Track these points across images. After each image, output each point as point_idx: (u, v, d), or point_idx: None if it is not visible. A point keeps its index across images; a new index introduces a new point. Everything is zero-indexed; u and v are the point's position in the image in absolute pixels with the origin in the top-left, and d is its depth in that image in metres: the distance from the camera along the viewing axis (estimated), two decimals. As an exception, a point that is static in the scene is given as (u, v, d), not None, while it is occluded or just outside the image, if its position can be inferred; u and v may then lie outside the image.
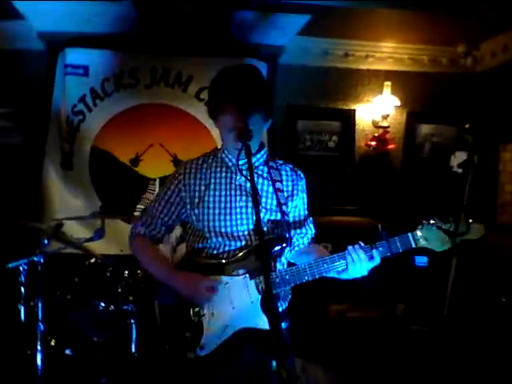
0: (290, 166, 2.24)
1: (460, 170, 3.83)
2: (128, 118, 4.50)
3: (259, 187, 2.12)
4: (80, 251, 3.49)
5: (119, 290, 3.05)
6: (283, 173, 2.19)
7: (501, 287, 4.12)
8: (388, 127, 5.12)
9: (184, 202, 2.13)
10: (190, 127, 4.51)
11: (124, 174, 4.52)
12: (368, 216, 4.97)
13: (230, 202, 2.10)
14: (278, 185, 2.13)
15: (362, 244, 2.01)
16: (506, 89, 4.87)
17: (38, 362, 2.83)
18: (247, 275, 2.02)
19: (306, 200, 2.24)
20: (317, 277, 2.01)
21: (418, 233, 2.01)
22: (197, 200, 2.11)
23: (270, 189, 2.13)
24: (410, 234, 2.01)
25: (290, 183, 2.19)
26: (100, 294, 3.05)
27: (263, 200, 2.11)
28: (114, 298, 3.03)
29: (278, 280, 2.01)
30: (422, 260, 4.11)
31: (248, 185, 2.10)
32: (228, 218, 2.08)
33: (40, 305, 2.88)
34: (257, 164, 2.14)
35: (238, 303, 2.01)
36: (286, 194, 2.15)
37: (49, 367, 2.96)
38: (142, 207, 4.50)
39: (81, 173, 4.49)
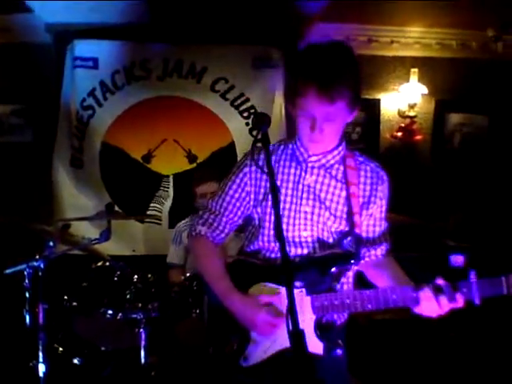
0: (373, 165, 1.91)
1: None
2: (140, 112, 4.31)
3: (330, 190, 1.85)
4: (88, 253, 3.31)
5: (127, 297, 2.83)
6: (362, 173, 1.87)
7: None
8: (415, 117, 4.84)
9: (249, 198, 1.90)
10: (205, 120, 4.30)
11: (136, 171, 4.33)
12: (394, 211, 4.69)
13: (296, 204, 1.85)
14: (352, 189, 1.83)
15: (443, 282, 1.67)
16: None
17: (41, 374, 2.64)
18: (304, 290, 1.77)
19: (384, 208, 1.91)
20: (382, 308, 1.73)
21: None
22: (261, 197, 1.88)
23: (343, 193, 1.85)
24: (503, 278, 1.64)
25: (368, 187, 1.87)
26: (107, 300, 2.84)
27: (333, 206, 1.84)
28: (121, 304, 2.81)
29: (336, 303, 1.74)
30: (457, 260, 3.83)
31: (318, 186, 1.84)
32: (291, 221, 1.84)
33: (41, 312, 2.69)
34: (332, 162, 1.86)
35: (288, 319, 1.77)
36: (361, 200, 1.85)
37: (55, 377, 2.78)
38: (157, 206, 4.31)
39: (91, 171, 4.32)
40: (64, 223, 3.41)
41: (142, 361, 2.72)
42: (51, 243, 2.86)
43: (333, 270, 1.79)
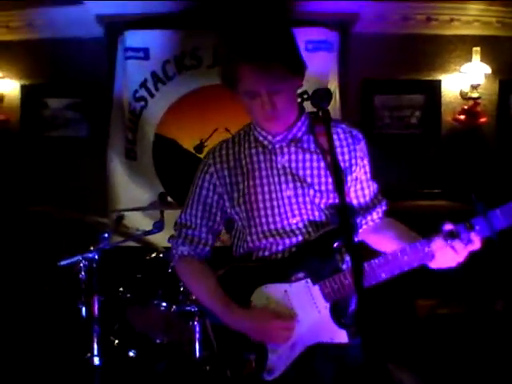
0: (344, 126, 1.77)
1: None
2: (191, 103, 4.24)
3: (307, 165, 1.69)
4: (141, 244, 3.29)
5: (181, 289, 2.77)
6: (335, 137, 1.71)
7: None
8: (479, 98, 4.56)
9: (223, 199, 1.76)
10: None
11: (189, 161, 4.26)
12: (456, 200, 4.46)
13: (276, 191, 1.70)
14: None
15: (452, 226, 1.54)
16: None
17: (96, 363, 2.63)
18: (309, 279, 1.63)
19: (368, 168, 1.77)
20: (397, 273, 1.59)
21: None
22: (236, 195, 1.73)
23: (322, 164, 1.70)
24: None
25: (345, 149, 1.73)
26: (161, 292, 2.80)
27: (315, 181, 1.69)
28: (175, 297, 2.76)
29: (347, 282, 1.59)
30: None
31: (293, 165, 1.69)
32: (276, 211, 1.69)
33: (96, 304, 2.68)
34: (299, 135, 1.72)
35: (302, 315, 1.64)
36: (342, 166, 1.70)
37: (110, 369, 2.77)
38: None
39: (145, 162, 4.29)
40: (118, 215, 3.39)
41: (197, 354, 2.66)
42: (106, 235, 2.85)
43: (334, 247, 1.64)
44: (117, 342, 2.98)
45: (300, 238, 1.68)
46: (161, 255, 3.03)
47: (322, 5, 4.13)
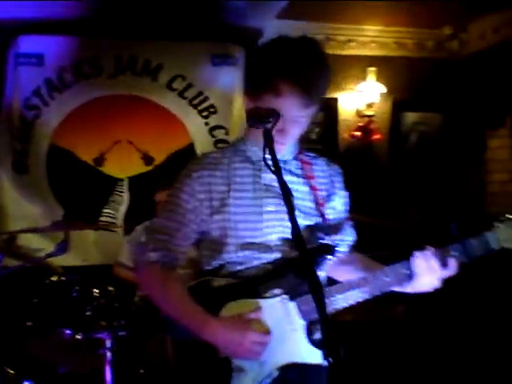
0: (324, 159, 1.82)
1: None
2: (90, 112, 4.05)
3: (292, 187, 1.61)
4: (37, 266, 3.03)
5: (88, 313, 2.58)
6: (317, 167, 1.76)
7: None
8: (373, 116, 4.79)
9: (204, 207, 1.66)
10: (161, 120, 4.10)
11: (87, 174, 4.06)
12: (354, 211, 4.64)
13: (258, 206, 1.65)
14: (312, 183, 1.71)
15: (433, 249, 1.59)
16: (493, 72, 4.61)
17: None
18: (286, 296, 1.59)
19: (346, 200, 1.81)
20: (376, 294, 1.61)
21: (500, 231, 1.59)
22: (217, 204, 1.65)
23: (305, 188, 1.70)
24: (489, 234, 1.60)
25: (326, 180, 1.76)
26: (65, 318, 2.59)
27: (298, 202, 1.64)
28: (82, 323, 2.57)
29: (326, 301, 1.49)
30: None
31: (277, 184, 1.60)
32: (259, 225, 1.64)
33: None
34: (288, 158, 1.71)
35: (275, 332, 1.57)
36: (322, 194, 1.72)
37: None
38: (111, 212, 4.05)
39: (37, 176, 4.02)
40: (9, 235, 3.12)
41: (108, 384, 2.48)
42: (-2, 257, 2.60)
43: (314, 265, 1.58)
44: (12, 372, 2.71)
45: (278, 254, 1.64)
46: (63, 278, 2.81)
47: (228, 19, 4.12)
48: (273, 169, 1.44)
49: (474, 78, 4.83)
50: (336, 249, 1.69)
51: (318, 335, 1.61)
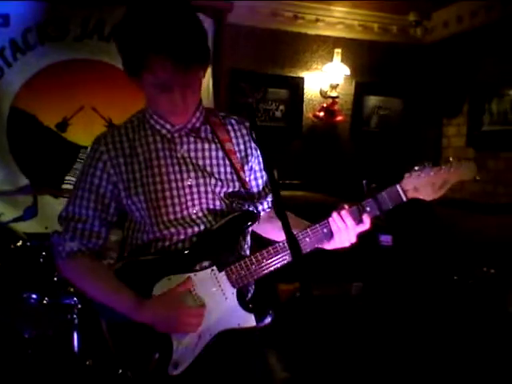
0: (235, 118, 1.77)
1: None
2: (54, 76, 3.92)
3: (207, 154, 1.67)
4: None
5: (55, 279, 2.56)
6: (229, 128, 1.73)
7: (452, 264, 4.03)
8: (337, 97, 4.85)
9: (118, 189, 1.63)
10: (127, 88, 3.95)
11: (49, 140, 3.95)
12: (313, 190, 4.74)
13: (176, 180, 1.63)
14: (228, 146, 1.69)
15: (348, 207, 1.63)
16: (454, 61, 4.76)
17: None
18: (215, 267, 1.61)
19: (261, 158, 1.70)
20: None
21: (406, 183, 1.64)
22: (133, 184, 1.62)
23: (221, 153, 1.69)
24: (398, 186, 1.63)
25: (240, 140, 1.74)
26: (31, 284, 2.55)
27: (215, 170, 1.66)
28: (49, 288, 2.54)
29: (253, 267, 1.60)
30: (386, 239, 3.91)
31: (193, 155, 1.65)
32: (177, 200, 1.62)
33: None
34: (198, 125, 1.69)
35: (209, 303, 1.61)
36: (239, 156, 1.71)
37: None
38: (73, 179, 3.97)
39: (-3, 138, 3.88)
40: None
41: (75, 349, 2.48)
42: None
43: (237, 235, 1.67)
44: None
45: (202, 227, 1.64)
46: (28, 243, 2.76)
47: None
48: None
49: (435, 66, 4.98)
50: (259, 215, 1.72)
51: (247, 300, 1.67)
